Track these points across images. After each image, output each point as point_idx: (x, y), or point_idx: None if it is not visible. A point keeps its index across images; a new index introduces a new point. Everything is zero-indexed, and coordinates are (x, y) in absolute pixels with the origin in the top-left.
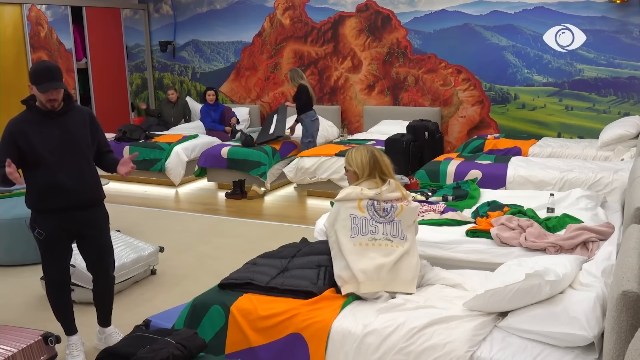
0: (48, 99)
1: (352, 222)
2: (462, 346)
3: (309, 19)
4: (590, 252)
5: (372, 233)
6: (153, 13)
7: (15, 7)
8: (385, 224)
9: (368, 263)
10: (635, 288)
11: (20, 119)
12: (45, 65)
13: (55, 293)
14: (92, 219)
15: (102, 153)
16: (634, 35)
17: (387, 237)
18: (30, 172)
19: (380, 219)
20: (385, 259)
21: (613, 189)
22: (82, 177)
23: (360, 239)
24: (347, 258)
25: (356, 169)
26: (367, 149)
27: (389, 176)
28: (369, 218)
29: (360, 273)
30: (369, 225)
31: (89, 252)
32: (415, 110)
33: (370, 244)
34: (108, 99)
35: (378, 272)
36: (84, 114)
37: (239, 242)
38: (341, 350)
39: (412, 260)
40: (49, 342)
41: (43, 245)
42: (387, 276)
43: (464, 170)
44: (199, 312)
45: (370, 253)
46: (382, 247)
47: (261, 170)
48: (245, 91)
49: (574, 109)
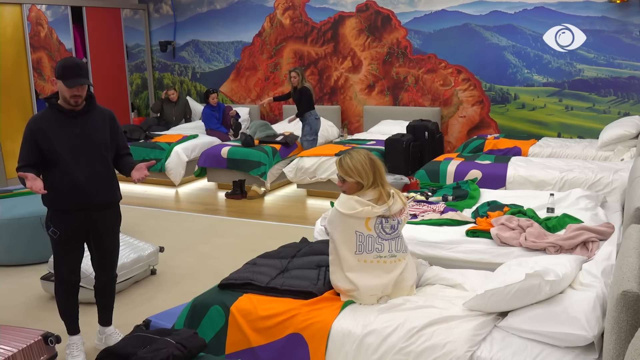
0: (72, 94)
1: (357, 239)
2: (462, 346)
3: (309, 19)
4: (590, 252)
5: (377, 251)
6: (153, 13)
7: (15, 7)
8: (391, 241)
9: (373, 281)
10: (635, 288)
11: (40, 117)
12: (74, 62)
13: (63, 292)
14: (106, 220)
15: (120, 155)
16: (634, 35)
17: (392, 253)
18: (48, 171)
19: (387, 236)
20: (389, 275)
21: (613, 189)
22: (99, 177)
23: (365, 256)
24: (348, 273)
25: (359, 179)
26: (363, 153)
27: (385, 181)
28: (375, 236)
29: (365, 288)
30: (375, 244)
31: (97, 250)
32: (415, 110)
33: (375, 261)
34: (108, 99)
35: (383, 289)
36: (105, 115)
37: (239, 242)
38: (341, 351)
39: (411, 266)
40: (49, 342)
41: (56, 244)
42: (391, 289)
43: (464, 170)
44: (199, 312)
45: (375, 271)
46: (387, 264)
47: (261, 170)
48: (245, 91)
49: (574, 109)
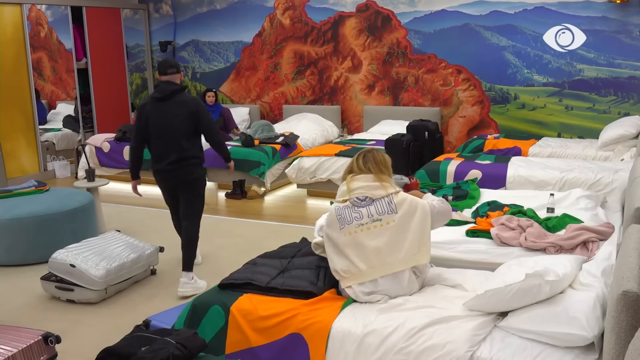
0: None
1: (337, 213)
2: (462, 346)
3: (309, 19)
4: (590, 252)
5: (356, 220)
6: (153, 13)
7: (15, 7)
8: (369, 207)
9: (363, 251)
10: (635, 288)
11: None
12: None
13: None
14: (185, 182)
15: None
16: (634, 35)
17: (373, 218)
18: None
19: (361, 203)
20: (378, 239)
21: (613, 189)
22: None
23: (348, 228)
24: (343, 251)
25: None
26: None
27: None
28: (351, 206)
29: (358, 259)
30: (352, 212)
31: (183, 206)
32: (415, 110)
33: (359, 230)
34: (108, 99)
35: (377, 256)
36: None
37: (239, 242)
38: (341, 351)
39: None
40: (49, 342)
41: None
42: (389, 258)
43: (464, 170)
44: (199, 312)
45: (363, 240)
46: (371, 230)
47: (260, 171)
48: (245, 91)
49: (574, 109)
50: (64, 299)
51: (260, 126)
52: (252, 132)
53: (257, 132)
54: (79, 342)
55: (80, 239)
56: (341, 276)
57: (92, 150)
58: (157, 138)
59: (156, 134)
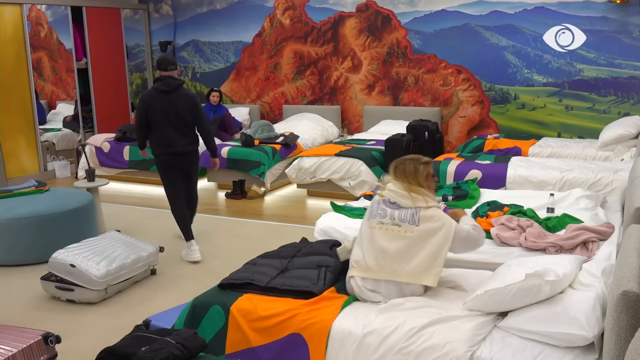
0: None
1: (371, 205)
2: (461, 346)
3: (309, 19)
4: (590, 252)
5: (380, 216)
6: (153, 13)
7: (15, 7)
8: (395, 210)
9: (374, 248)
10: (635, 288)
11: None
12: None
13: (176, 207)
14: (193, 162)
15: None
16: (634, 35)
17: (394, 221)
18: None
19: (390, 205)
20: (390, 243)
21: (613, 189)
22: (189, 135)
23: (371, 222)
24: (360, 243)
25: None
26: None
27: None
28: (381, 201)
29: (368, 251)
30: (379, 209)
31: (188, 182)
32: (415, 110)
33: (378, 227)
34: (108, 99)
35: (384, 258)
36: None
37: (239, 242)
38: (341, 350)
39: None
40: (49, 342)
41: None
42: (396, 264)
43: (464, 170)
44: (199, 312)
45: (378, 238)
46: (388, 232)
47: (260, 170)
48: (245, 91)
49: (574, 109)
50: (64, 299)
51: (260, 126)
52: (252, 132)
53: (257, 132)
54: (79, 342)
55: (80, 239)
56: (351, 265)
57: (92, 150)
58: (168, 126)
59: (166, 122)
